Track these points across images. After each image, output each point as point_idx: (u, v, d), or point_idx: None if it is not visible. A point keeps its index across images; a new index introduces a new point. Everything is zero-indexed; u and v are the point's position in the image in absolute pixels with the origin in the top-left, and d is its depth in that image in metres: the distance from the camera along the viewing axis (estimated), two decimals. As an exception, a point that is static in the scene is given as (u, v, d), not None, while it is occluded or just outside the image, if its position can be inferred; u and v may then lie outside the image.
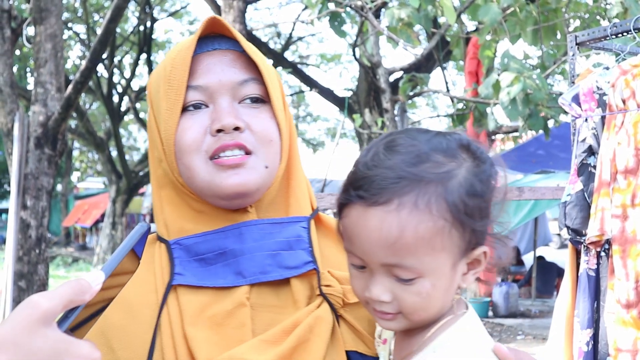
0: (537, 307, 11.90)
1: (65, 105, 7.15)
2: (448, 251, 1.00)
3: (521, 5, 6.81)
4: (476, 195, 1.01)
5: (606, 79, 2.90)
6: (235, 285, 1.15)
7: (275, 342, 1.09)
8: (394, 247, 0.98)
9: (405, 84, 8.64)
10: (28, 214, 7.15)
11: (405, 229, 0.97)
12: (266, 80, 1.18)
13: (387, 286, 1.01)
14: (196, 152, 1.15)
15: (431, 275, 1.00)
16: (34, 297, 0.89)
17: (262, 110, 1.18)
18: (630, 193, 2.70)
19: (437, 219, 0.98)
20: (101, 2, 18.99)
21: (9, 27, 7.52)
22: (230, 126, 1.13)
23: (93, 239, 25.35)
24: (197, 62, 1.18)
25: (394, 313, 1.03)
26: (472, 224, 1.00)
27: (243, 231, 1.17)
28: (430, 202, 0.98)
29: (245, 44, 1.18)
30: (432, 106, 26.52)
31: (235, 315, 1.13)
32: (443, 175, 1.00)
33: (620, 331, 2.70)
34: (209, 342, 1.10)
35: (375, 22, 6.86)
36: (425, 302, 1.01)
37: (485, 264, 1.06)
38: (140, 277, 1.21)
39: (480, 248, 1.03)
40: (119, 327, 1.15)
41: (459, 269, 1.04)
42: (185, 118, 1.17)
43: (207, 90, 1.17)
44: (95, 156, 27.62)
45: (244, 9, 8.33)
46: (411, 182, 0.98)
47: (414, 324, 1.05)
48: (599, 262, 2.89)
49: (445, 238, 0.99)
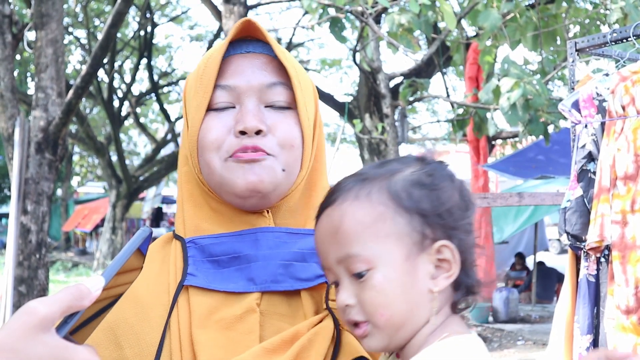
0: (537, 312, 11.89)
1: (65, 110, 7.16)
2: (395, 239, 1.00)
3: (521, 11, 6.82)
4: (422, 186, 1.02)
5: (606, 85, 2.90)
6: (246, 292, 1.15)
7: (277, 351, 1.09)
8: (337, 236, 1.01)
9: (406, 89, 8.65)
10: (28, 218, 7.15)
11: (344, 217, 1.01)
12: (294, 85, 1.18)
13: (350, 290, 1.01)
14: (216, 151, 1.17)
15: (382, 265, 0.99)
16: (31, 303, 0.88)
17: (288, 116, 1.19)
18: (630, 199, 2.71)
19: (377, 205, 1.01)
20: (102, 7, 19.03)
21: (10, 32, 7.52)
22: (253, 129, 1.14)
23: (93, 243, 25.32)
24: (229, 64, 1.19)
25: (363, 320, 1.01)
26: (420, 211, 1.01)
27: (259, 237, 1.17)
28: (371, 192, 1.02)
29: (278, 48, 1.18)
30: (432, 111, 26.53)
31: (244, 321, 1.13)
32: (388, 172, 1.04)
33: (620, 337, 2.70)
34: (215, 346, 1.10)
35: (375, 27, 6.87)
36: (382, 295, 0.99)
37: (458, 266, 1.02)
38: (154, 275, 1.21)
39: (440, 241, 1.01)
40: (129, 325, 1.16)
41: (420, 265, 1.01)
42: (210, 117, 1.18)
43: (235, 90, 1.18)
44: (96, 161, 27.62)
45: (245, 14, 8.35)
46: (356, 181, 1.04)
47: (388, 335, 1.01)
48: (599, 268, 2.89)
49: (387, 224, 1.00)
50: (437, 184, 1.03)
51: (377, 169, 1.06)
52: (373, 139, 10.74)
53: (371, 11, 6.57)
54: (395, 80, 11.10)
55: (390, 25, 6.40)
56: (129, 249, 1.00)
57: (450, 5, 6.28)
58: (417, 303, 1.01)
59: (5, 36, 7.47)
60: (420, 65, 11.19)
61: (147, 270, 1.22)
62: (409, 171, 1.04)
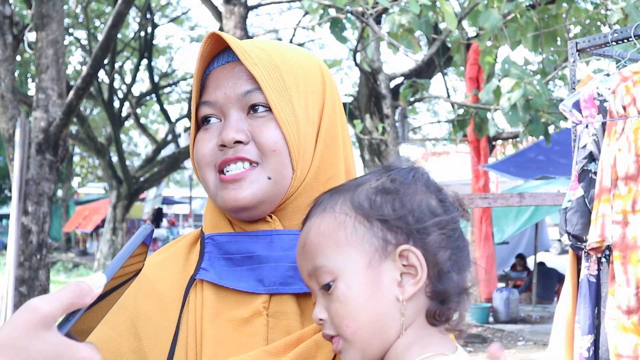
0: (537, 312, 11.89)
1: (66, 111, 7.16)
2: (356, 247, 0.98)
3: (522, 11, 6.82)
4: (385, 192, 1.00)
5: (607, 86, 2.91)
6: (255, 292, 1.16)
7: (278, 355, 1.09)
8: (305, 250, 1.02)
9: (406, 90, 8.65)
10: (29, 219, 7.15)
11: (310, 230, 1.02)
12: (264, 88, 1.16)
13: (322, 303, 1.00)
14: (207, 166, 1.19)
15: (344, 274, 0.97)
16: (33, 301, 0.88)
17: (268, 119, 1.18)
18: (631, 199, 2.71)
19: (339, 215, 1.00)
20: (102, 8, 19.04)
21: (10, 33, 7.53)
22: (230, 141, 1.15)
23: (93, 244, 25.33)
24: (211, 78, 1.22)
25: (334, 334, 0.99)
26: (380, 217, 0.98)
27: (274, 239, 1.18)
28: (337, 204, 1.01)
29: (244, 55, 1.17)
30: (432, 112, 26.53)
31: (250, 323, 1.14)
32: (355, 185, 1.03)
33: (621, 337, 2.70)
34: (220, 344, 1.12)
35: (376, 28, 6.88)
36: (345, 307, 0.96)
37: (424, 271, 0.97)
38: (177, 270, 1.23)
39: (402, 246, 0.97)
40: (149, 318, 1.18)
41: (384, 272, 0.97)
42: (200, 133, 1.21)
43: (216, 104, 1.19)
44: (96, 162, 27.62)
45: (245, 15, 8.35)
46: (325, 195, 1.05)
47: (359, 348, 0.98)
48: (600, 268, 2.89)
49: (348, 232, 0.98)
50: (399, 189, 1.00)
51: (351, 181, 1.06)
52: (374, 140, 10.74)
53: (372, 11, 6.57)
54: (396, 80, 11.10)
55: (391, 25, 6.41)
56: (130, 246, 1.00)
57: (451, 5, 6.28)
58: (385, 313, 0.97)
59: (6, 37, 7.48)
60: (421, 66, 11.19)
61: (171, 265, 1.25)
62: (375, 181, 1.02)
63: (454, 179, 28.86)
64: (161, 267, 1.25)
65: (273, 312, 1.15)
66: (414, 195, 0.99)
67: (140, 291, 1.21)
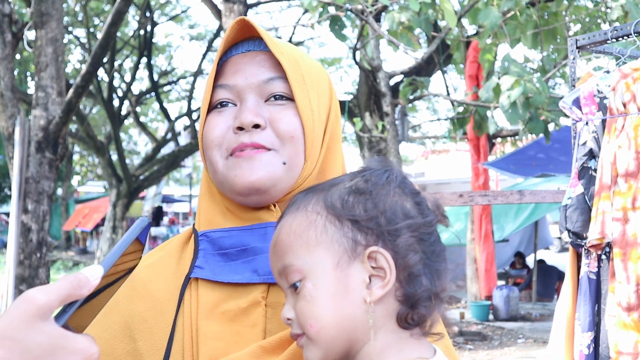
0: (537, 310, 11.90)
1: (66, 110, 7.16)
2: (325, 246, 0.97)
3: (521, 8, 6.82)
4: (358, 192, 0.99)
5: (607, 83, 2.90)
6: (250, 282, 1.16)
7: (274, 351, 1.09)
8: (276, 248, 1.01)
9: (406, 88, 8.65)
10: (29, 217, 7.15)
11: (282, 229, 1.01)
12: (290, 77, 1.18)
13: (290, 302, 0.99)
14: (217, 148, 1.19)
15: (311, 274, 0.96)
16: (30, 292, 0.88)
17: (287, 107, 1.19)
18: (631, 196, 2.71)
19: (310, 214, 0.99)
20: (101, 6, 19.02)
21: (9, 31, 7.52)
22: (249, 124, 1.15)
23: (93, 242, 25.33)
24: (229, 64, 1.22)
25: (300, 333, 0.98)
26: (351, 217, 0.97)
27: (268, 231, 1.18)
28: (309, 203, 1.01)
29: (272, 43, 1.19)
30: (432, 110, 26.52)
31: (248, 314, 1.14)
32: (330, 185, 1.03)
33: (621, 334, 2.70)
34: (217, 339, 1.12)
35: (375, 25, 6.87)
36: (311, 306, 0.95)
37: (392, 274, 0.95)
38: (171, 270, 1.23)
39: (371, 247, 0.95)
40: (143, 319, 1.18)
41: (352, 273, 0.96)
42: (212, 115, 1.21)
43: (234, 88, 1.20)
44: (96, 160, 27.63)
45: (245, 13, 8.35)
46: (302, 194, 1.04)
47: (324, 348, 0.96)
48: (600, 265, 2.89)
49: (319, 232, 0.98)
50: (372, 190, 0.99)
51: (327, 182, 1.05)
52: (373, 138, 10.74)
53: (371, 9, 6.57)
54: (396, 78, 11.09)
55: (391, 23, 6.40)
56: (127, 238, 1.00)
57: (451, 3, 6.28)
58: (352, 315, 0.95)
59: (5, 35, 7.47)
60: (421, 64, 11.18)
61: (164, 266, 1.24)
62: (349, 182, 1.01)
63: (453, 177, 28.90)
64: (154, 268, 1.24)
65: (271, 302, 1.15)
66: (386, 197, 0.98)
67: (134, 292, 1.21)
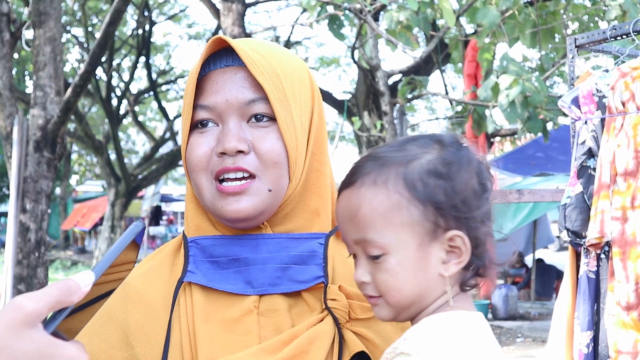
0: (536, 309, 11.90)
1: (64, 109, 7.15)
2: (409, 228, 1.04)
3: (520, 8, 6.81)
4: (437, 175, 1.04)
5: (605, 82, 2.90)
6: (244, 294, 1.16)
7: (273, 352, 1.09)
8: (355, 220, 1.06)
9: (404, 87, 8.64)
10: (27, 217, 7.14)
11: (362, 203, 1.05)
12: (271, 100, 1.15)
13: (365, 267, 1.07)
14: (203, 171, 1.17)
15: (395, 251, 1.04)
16: (18, 299, 0.87)
17: (270, 130, 1.16)
18: (630, 195, 2.71)
19: (392, 194, 1.04)
20: (100, 5, 19.00)
21: (8, 30, 7.51)
22: (232, 150, 1.13)
23: (92, 242, 25.30)
24: (208, 80, 1.17)
25: (376, 296, 1.07)
26: (434, 202, 1.03)
27: (260, 243, 1.18)
28: (388, 179, 1.05)
29: (251, 63, 1.14)
30: (431, 109, 26.53)
31: (241, 322, 1.14)
32: (405, 158, 1.06)
33: (621, 333, 2.70)
34: (214, 344, 1.12)
35: (374, 25, 6.87)
36: (394, 279, 1.04)
37: (468, 254, 1.05)
38: (164, 277, 1.23)
39: (451, 231, 1.04)
40: (139, 325, 1.17)
41: (433, 252, 1.05)
42: (195, 135, 1.18)
43: (215, 110, 1.16)
44: (94, 159, 27.58)
45: (243, 12, 8.34)
46: (374, 164, 1.07)
47: (397, 310, 1.07)
48: (599, 265, 2.89)
49: (403, 213, 1.04)
50: (453, 174, 1.05)
51: (396, 152, 1.08)
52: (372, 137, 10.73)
53: (369, 8, 6.57)
54: (394, 77, 11.09)
55: (389, 22, 6.40)
56: (120, 244, 0.99)
57: (449, 2, 6.27)
58: (428, 286, 1.06)
59: (3, 34, 7.46)
60: (419, 63, 11.18)
61: (157, 273, 1.24)
62: (426, 158, 1.06)
63: (452, 176, 28.87)
64: (147, 276, 1.24)
65: (263, 310, 1.15)
66: (465, 180, 1.05)
67: (129, 301, 1.20)
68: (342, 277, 1.21)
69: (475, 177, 1.07)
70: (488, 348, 1.05)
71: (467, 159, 1.07)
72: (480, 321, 1.07)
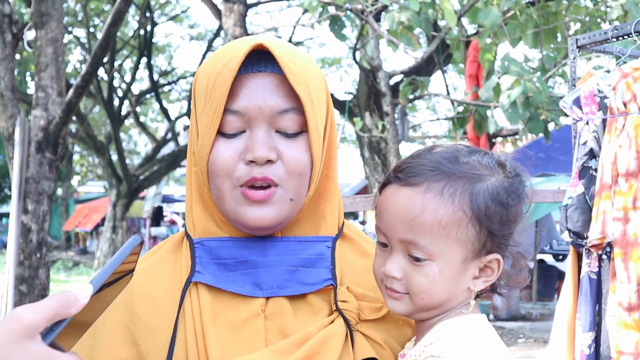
0: (538, 310, 11.89)
1: (66, 110, 7.15)
2: (461, 244, 1.09)
3: (521, 8, 6.81)
4: (499, 203, 1.10)
5: (607, 82, 2.90)
6: (253, 296, 1.16)
7: (285, 354, 1.10)
8: (413, 223, 1.08)
9: (406, 88, 8.64)
10: (29, 218, 7.15)
11: (426, 209, 1.08)
12: (307, 111, 1.14)
13: (401, 264, 1.11)
14: (227, 178, 1.15)
15: (441, 261, 1.09)
16: (17, 310, 0.88)
17: (299, 142, 1.16)
18: (632, 196, 2.70)
19: (457, 210, 1.08)
20: (101, 6, 19.01)
21: (9, 31, 7.51)
22: (263, 159, 1.12)
23: (94, 243, 25.30)
24: (239, 84, 1.14)
25: (402, 292, 1.11)
26: (490, 227, 1.09)
27: (267, 245, 1.18)
28: (455, 193, 1.08)
29: (290, 72, 1.12)
30: (432, 109, 26.51)
31: (249, 325, 1.14)
32: (473, 176, 1.10)
33: (622, 334, 2.70)
34: (224, 345, 1.12)
35: (375, 25, 6.86)
36: (430, 285, 1.09)
37: (497, 276, 1.13)
38: (167, 274, 1.23)
39: (493, 254, 1.12)
40: (144, 322, 1.18)
41: (470, 268, 1.11)
42: (220, 141, 1.15)
43: (245, 116, 1.14)
44: (96, 160, 27.60)
45: (245, 13, 8.34)
46: (443, 173, 1.09)
47: (417, 309, 1.12)
48: (601, 265, 2.88)
49: (461, 230, 1.08)
50: (511, 205, 1.12)
51: (462, 165, 1.11)
52: (373, 137, 10.72)
53: (371, 9, 6.56)
54: (396, 78, 11.08)
55: (390, 23, 6.40)
56: (118, 257, 0.98)
57: (450, 3, 6.27)
58: (455, 296, 1.12)
59: (5, 35, 7.46)
60: (421, 63, 11.17)
61: (159, 270, 1.24)
62: (492, 181, 1.11)
63: (453, 177, 28.84)
64: (149, 272, 1.24)
65: (270, 313, 1.16)
66: (518, 212, 1.14)
67: (132, 297, 1.21)
68: (349, 280, 1.21)
69: (523, 209, 1.15)
70: (503, 347, 1.11)
71: (524, 193, 1.15)
72: (486, 322, 1.14)
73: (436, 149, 1.15)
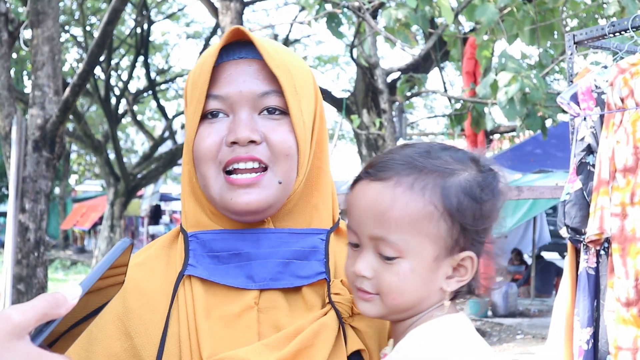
0: (536, 306, 11.91)
1: (63, 108, 7.14)
2: (432, 240, 1.06)
3: (518, 5, 6.81)
4: (472, 198, 1.06)
5: (604, 78, 2.90)
6: (245, 288, 1.16)
7: (278, 347, 1.10)
8: (383, 218, 1.05)
9: (403, 85, 8.64)
10: (26, 217, 7.14)
11: (396, 203, 1.05)
12: (286, 92, 1.16)
13: (371, 263, 1.07)
14: (212, 161, 1.17)
15: (412, 258, 1.06)
16: (6, 311, 0.88)
17: (282, 123, 1.18)
18: (630, 191, 2.71)
19: (428, 204, 1.05)
20: (98, 4, 18.99)
21: (6, 30, 7.50)
22: (245, 139, 1.14)
23: (91, 241, 25.29)
24: (221, 71, 1.18)
25: (373, 293, 1.07)
26: (462, 222, 1.06)
27: (260, 237, 1.18)
28: (426, 187, 1.05)
29: (268, 55, 1.16)
30: (429, 107, 26.53)
31: (242, 318, 1.14)
32: (445, 170, 1.07)
33: (621, 329, 2.70)
34: (216, 338, 1.12)
35: (372, 22, 6.86)
36: (401, 284, 1.06)
37: (472, 275, 1.09)
38: (161, 268, 1.24)
39: (467, 252, 1.08)
40: (137, 315, 1.18)
41: (443, 266, 1.08)
42: (204, 126, 1.18)
43: (227, 100, 1.17)
44: (93, 159, 27.56)
45: (241, 11, 8.34)
46: (414, 167, 1.07)
47: (389, 311, 1.08)
48: (599, 261, 2.89)
49: (432, 225, 1.05)
50: (485, 200, 1.08)
51: (433, 160, 1.08)
52: (371, 135, 10.73)
53: (368, 6, 6.56)
54: (393, 75, 11.09)
55: (387, 20, 6.39)
56: (108, 259, 0.98)
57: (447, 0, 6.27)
58: (427, 296, 1.08)
59: (2, 34, 7.45)
60: (418, 61, 11.18)
61: (153, 264, 1.25)
62: (464, 176, 1.08)
63: (451, 174, 28.87)
64: (144, 267, 1.25)
65: (263, 307, 1.16)
66: (492, 207, 1.10)
67: (126, 291, 1.21)
68: (343, 273, 1.21)
69: (498, 205, 1.11)
70: (482, 346, 1.08)
71: (499, 189, 1.11)
72: (464, 321, 1.11)
73: (409, 146, 1.13)
